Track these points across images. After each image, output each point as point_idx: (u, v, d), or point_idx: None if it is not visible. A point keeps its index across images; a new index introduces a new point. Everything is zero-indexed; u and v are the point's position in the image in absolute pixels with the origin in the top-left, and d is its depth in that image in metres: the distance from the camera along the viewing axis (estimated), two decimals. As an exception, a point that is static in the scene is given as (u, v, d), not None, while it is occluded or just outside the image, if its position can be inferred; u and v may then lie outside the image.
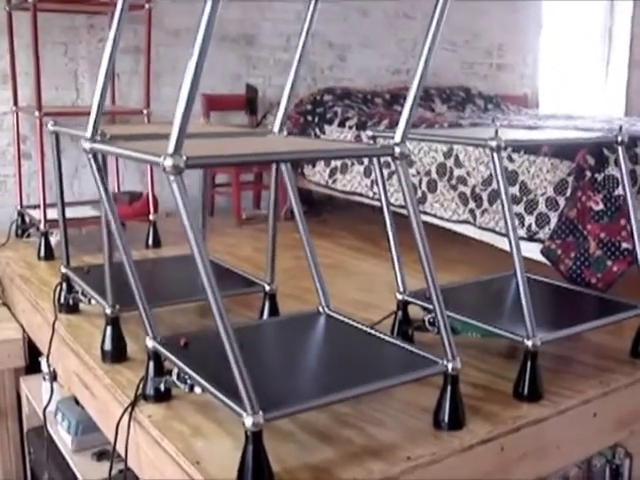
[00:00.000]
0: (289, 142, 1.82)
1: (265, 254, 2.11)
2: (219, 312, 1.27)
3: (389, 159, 1.57)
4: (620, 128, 2.01)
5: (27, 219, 3.32)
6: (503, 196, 1.73)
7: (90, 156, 1.64)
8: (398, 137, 1.50)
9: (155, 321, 1.67)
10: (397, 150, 1.49)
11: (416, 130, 2.35)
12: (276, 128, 1.89)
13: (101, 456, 2.34)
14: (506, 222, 1.73)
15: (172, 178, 1.24)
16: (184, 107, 1.23)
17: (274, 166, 1.95)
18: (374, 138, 2.01)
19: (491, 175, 2.70)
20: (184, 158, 1.24)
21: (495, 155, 1.74)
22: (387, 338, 1.76)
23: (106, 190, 1.67)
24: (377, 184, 2.01)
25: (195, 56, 1.22)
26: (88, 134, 1.64)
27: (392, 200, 2.89)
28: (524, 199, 2.52)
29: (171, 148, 1.24)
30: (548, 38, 5.64)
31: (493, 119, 2.99)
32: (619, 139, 1.99)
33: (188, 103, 1.23)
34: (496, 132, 1.76)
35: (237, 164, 3.14)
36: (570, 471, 2.13)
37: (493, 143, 1.74)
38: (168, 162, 1.23)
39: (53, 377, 2.48)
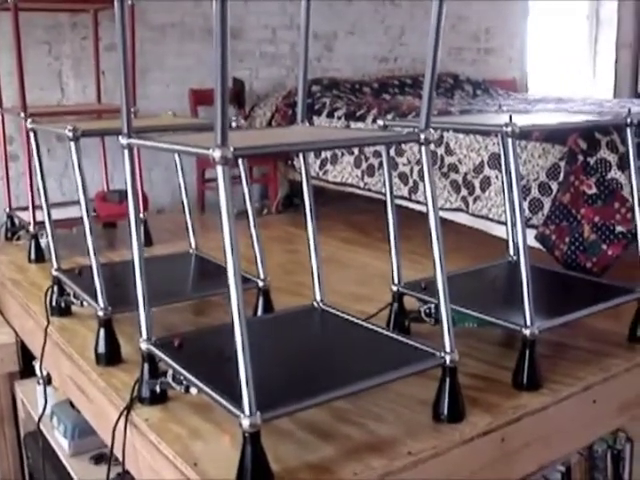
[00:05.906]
0: (315, 132, 1.83)
1: (257, 249, 2.09)
2: (238, 310, 1.27)
3: (380, 149, 1.55)
4: (629, 111, 2.02)
5: (16, 221, 3.29)
6: (514, 184, 1.71)
7: (126, 152, 1.68)
8: (422, 123, 1.57)
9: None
10: (422, 136, 1.56)
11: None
12: (299, 119, 1.97)
13: (99, 459, 2.33)
14: (513, 210, 1.73)
15: (220, 168, 1.28)
16: (220, 102, 1.28)
17: (301, 156, 2.00)
18: (386, 127, 2.03)
19: (482, 162, 2.68)
20: (232, 149, 1.29)
21: (510, 141, 1.71)
22: (383, 331, 1.75)
23: (134, 186, 1.68)
24: (384, 173, 2.01)
25: (219, 54, 1.34)
26: (124, 130, 1.68)
27: (383, 190, 2.86)
28: (516, 185, 2.50)
29: (218, 140, 1.28)
30: (535, 20, 5.61)
31: (500, 105, 2.96)
32: (628, 121, 2.00)
33: (223, 98, 1.29)
34: (510, 118, 1.73)
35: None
36: (572, 458, 2.13)
37: (508, 129, 1.72)
38: (217, 153, 1.28)
39: (47, 381, 2.46)
